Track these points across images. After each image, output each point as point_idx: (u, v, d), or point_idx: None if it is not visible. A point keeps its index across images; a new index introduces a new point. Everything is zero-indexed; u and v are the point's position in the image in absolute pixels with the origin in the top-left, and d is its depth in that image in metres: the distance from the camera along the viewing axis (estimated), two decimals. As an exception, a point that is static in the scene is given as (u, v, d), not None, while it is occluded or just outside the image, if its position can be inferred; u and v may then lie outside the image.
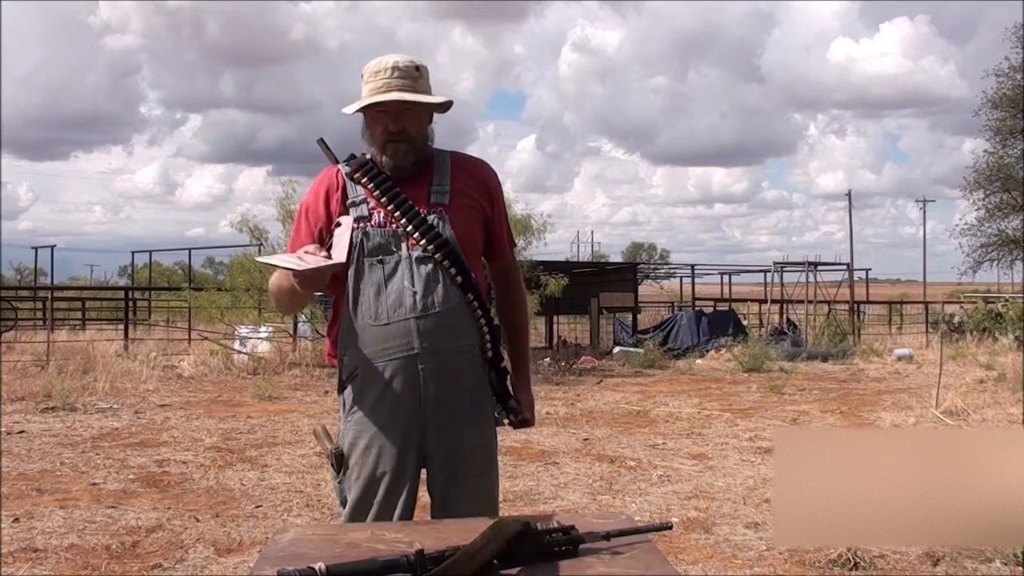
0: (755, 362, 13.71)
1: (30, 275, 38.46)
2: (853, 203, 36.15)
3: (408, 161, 2.14)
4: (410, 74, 2.12)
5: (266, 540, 3.18)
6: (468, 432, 2.15)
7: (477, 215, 2.20)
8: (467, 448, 2.15)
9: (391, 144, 2.12)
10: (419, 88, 2.12)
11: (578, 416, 8.59)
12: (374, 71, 2.12)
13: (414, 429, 2.12)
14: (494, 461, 2.24)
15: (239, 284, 13.06)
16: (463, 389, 2.14)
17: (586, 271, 19.48)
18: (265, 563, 1.50)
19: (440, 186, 2.16)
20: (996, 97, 23.93)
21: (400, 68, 2.11)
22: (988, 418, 8.31)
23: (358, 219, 2.13)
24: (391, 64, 2.11)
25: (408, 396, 2.10)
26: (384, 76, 2.10)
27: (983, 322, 19.00)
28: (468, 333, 2.13)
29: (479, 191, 2.22)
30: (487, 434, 2.21)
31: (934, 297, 34.91)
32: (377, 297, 2.11)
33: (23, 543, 4.24)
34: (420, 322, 2.08)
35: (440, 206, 2.14)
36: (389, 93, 2.09)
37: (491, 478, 2.22)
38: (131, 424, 7.85)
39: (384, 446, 2.11)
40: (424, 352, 2.08)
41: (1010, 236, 24.91)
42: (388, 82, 2.10)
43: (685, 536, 4.40)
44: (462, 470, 2.14)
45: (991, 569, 3.92)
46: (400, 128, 2.12)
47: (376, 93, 2.10)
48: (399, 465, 2.11)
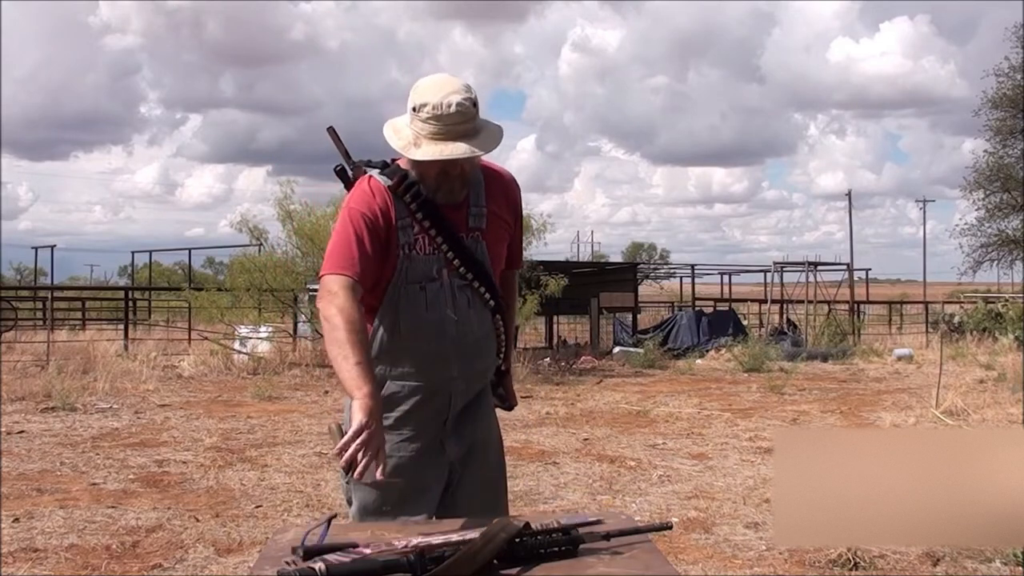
0: (755, 362, 13.71)
1: (30, 275, 38.48)
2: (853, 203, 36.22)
3: (460, 196, 2.10)
4: (471, 115, 1.97)
5: (266, 540, 3.18)
6: (480, 427, 2.22)
7: (505, 235, 2.22)
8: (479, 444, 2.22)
9: (447, 182, 2.05)
10: (479, 126, 2.00)
11: (578, 416, 8.59)
12: (436, 114, 1.95)
13: (435, 440, 2.16)
14: (502, 451, 2.33)
15: (239, 284, 13.07)
16: (480, 395, 2.24)
17: (586, 271, 19.48)
18: (265, 563, 1.50)
19: (478, 208, 2.13)
20: (996, 97, 23.96)
21: (463, 111, 1.96)
22: (988, 418, 8.30)
23: (402, 245, 2.08)
24: (455, 108, 1.95)
25: (437, 414, 2.15)
26: (449, 122, 1.95)
27: (983, 322, 19.00)
28: (494, 351, 2.23)
29: (508, 210, 2.21)
30: (495, 427, 2.29)
31: (934, 297, 34.91)
32: (417, 322, 2.09)
33: (23, 543, 4.24)
34: (459, 348, 2.12)
35: (478, 230, 2.13)
36: (457, 144, 1.96)
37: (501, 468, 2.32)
38: (131, 424, 7.85)
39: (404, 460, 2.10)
40: (460, 376, 2.14)
41: (1010, 236, 24.92)
42: (452, 129, 1.96)
43: (685, 536, 4.40)
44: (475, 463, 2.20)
45: (991, 569, 3.92)
46: (460, 171, 2.05)
47: (439, 139, 1.96)
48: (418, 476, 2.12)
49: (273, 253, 13.12)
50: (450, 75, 2.04)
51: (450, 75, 2.04)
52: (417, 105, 1.98)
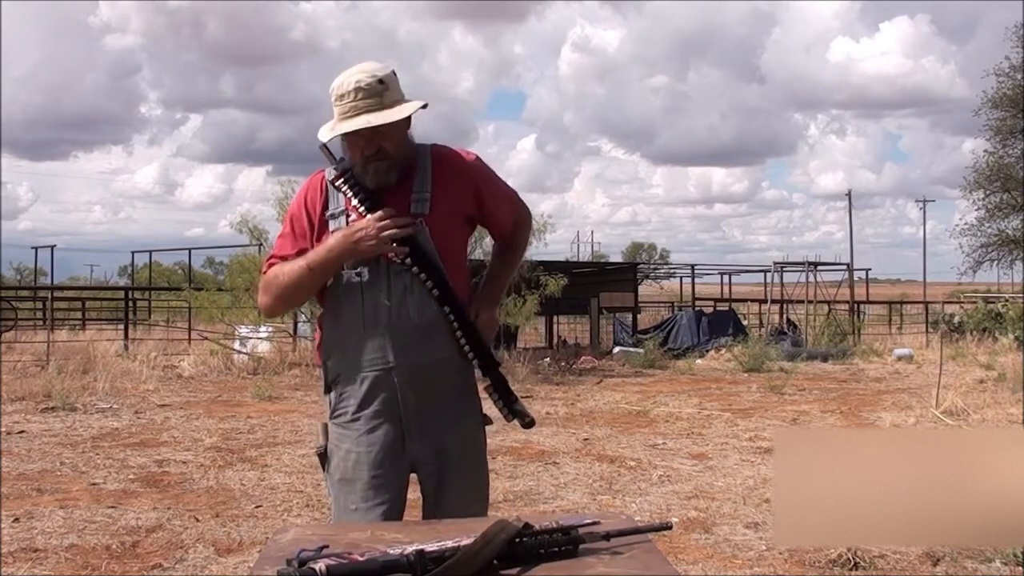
0: (755, 362, 13.71)
1: (30, 275, 38.48)
2: (853, 203, 36.22)
3: (390, 178, 2.10)
4: (375, 91, 2.03)
5: (266, 540, 3.18)
6: (453, 437, 2.16)
7: (460, 218, 2.18)
8: (454, 453, 2.16)
9: (371, 165, 2.08)
10: (387, 102, 2.04)
11: (578, 416, 8.60)
12: (339, 94, 2.05)
13: (396, 438, 2.13)
14: (483, 463, 2.24)
15: (239, 284, 13.06)
16: (443, 397, 2.15)
17: (586, 271, 19.48)
18: (265, 563, 1.50)
19: (421, 194, 2.12)
20: (996, 97, 23.97)
21: (364, 88, 2.02)
22: (988, 418, 8.30)
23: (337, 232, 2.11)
24: (353, 85, 2.03)
25: (387, 407, 2.12)
26: (349, 100, 2.03)
27: (983, 322, 19.01)
28: (444, 345, 2.12)
29: (461, 188, 2.17)
30: (474, 437, 2.21)
31: (934, 297, 34.91)
32: (354, 309, 2.11)
33: (23, 543, 4.24)
34: (394, 336, 2.08)
35: (420, 215, 2.11)
36: (357, 119, 2.02)
37: (481, 480, 2.23)
38: (131, 424, 7.85)
39: (361, 455, 2.13)
40: (399, 365, 2.09)
41: (1010, 236, 24.93)
42: (354, 105, 2.02)
43: (685, 536, 4.40)
44: (451, 475, 2.15)
45: (991, 569, 3.92)
46: (376, 149, 2.06)
47: (344, 119, 2.04)
48: (379, 473, 2.12)
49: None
50: (375, 61, 2.11)
51: (375, 61, 2.11)
52: (331, 94, 2.08)
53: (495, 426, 2.28)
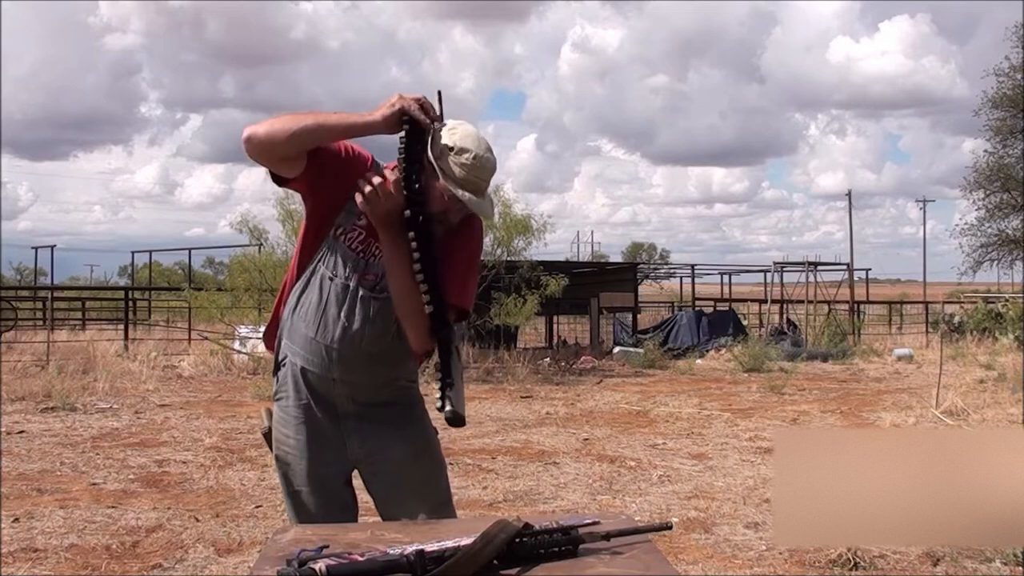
0: (755, 362, 13.72)
1: (30, 275, 38.48)
2: (853, 203, 36.09)
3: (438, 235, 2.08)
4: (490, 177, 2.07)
5: (266, 540, 3.18)
6: (398, 448, 2.14)
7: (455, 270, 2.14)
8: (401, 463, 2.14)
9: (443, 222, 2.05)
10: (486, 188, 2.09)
11: (578, 416, 8.59)
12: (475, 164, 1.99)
13: (334, 435, 2.13)
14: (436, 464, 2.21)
15: (239, 284, 13.06)
16: (388, 408, 2.15)
17: (586, 271, 19.46)
18: (265, 563, 1.50)
19: None
20: (996, 97, 23.98)
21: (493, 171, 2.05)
22: (988, 418, 8.31)
23: (339, 225, 2.10)
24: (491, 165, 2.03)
25: (325, 407, 2.13)
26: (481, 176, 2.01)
27: (983, 322, 19.02)
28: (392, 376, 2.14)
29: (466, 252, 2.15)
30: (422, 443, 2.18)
31: (934, 297, 34.88)
32: (308, 306, 2.11)
33: (23, 543, 4.24)
34: (335, 353, 2.08)
35: None
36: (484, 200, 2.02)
37: (435, 483, 2.20)
38: (131, 424, 7.86)
39: (299, 443, 2.14)
40: (341, 381, 2.10)
41: (1010, 236, 24.94)
42: (480, 183, 2.01)
43: (685, 536, 4.40)
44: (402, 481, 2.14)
45: (991, 569, 3.92)
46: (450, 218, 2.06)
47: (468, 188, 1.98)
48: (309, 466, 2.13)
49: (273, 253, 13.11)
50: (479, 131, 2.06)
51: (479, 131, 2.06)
52: (457, 148, 1.98)
53: (495, 426, 2.27)
